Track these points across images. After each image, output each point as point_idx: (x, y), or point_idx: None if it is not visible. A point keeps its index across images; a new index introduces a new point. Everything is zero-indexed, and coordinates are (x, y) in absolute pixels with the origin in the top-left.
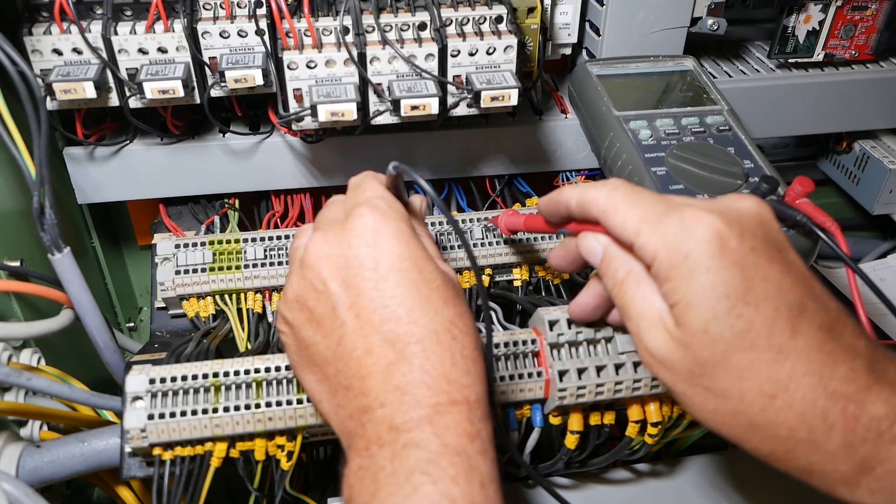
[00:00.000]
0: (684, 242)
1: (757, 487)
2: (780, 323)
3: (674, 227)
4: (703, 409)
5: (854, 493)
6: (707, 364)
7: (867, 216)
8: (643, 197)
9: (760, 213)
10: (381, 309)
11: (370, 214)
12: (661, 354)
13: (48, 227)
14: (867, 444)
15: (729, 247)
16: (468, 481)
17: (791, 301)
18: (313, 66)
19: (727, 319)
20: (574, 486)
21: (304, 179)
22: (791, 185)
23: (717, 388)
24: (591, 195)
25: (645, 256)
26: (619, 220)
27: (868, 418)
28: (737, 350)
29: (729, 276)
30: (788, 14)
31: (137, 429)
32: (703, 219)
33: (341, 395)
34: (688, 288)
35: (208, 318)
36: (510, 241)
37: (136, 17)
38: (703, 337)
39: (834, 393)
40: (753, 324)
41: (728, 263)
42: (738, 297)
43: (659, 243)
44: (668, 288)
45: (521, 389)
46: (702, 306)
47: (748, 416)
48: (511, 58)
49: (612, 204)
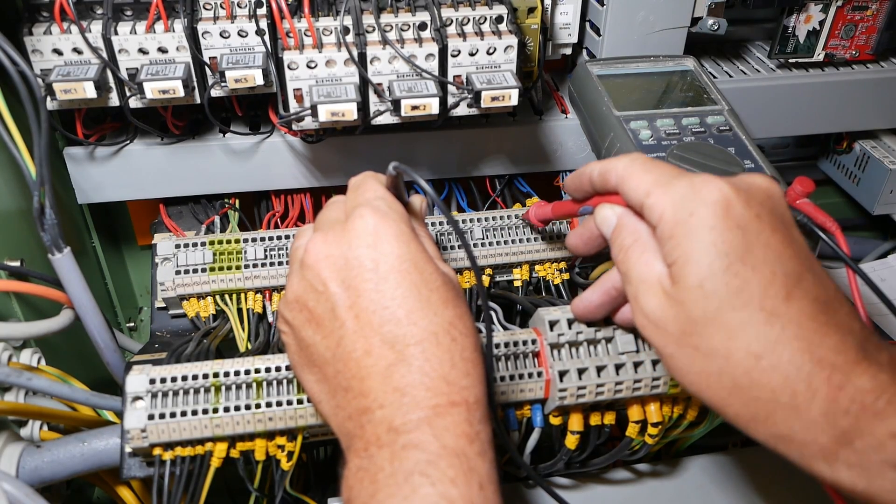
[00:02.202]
0: (691, 201)
1: (757, 487)
2: (776, 287)
3: (683, 188)
4: (689, 371)
5: (832, 468)
6: (699, 322)
7: (867, 216)
8: (659, 165)
9: (770, 188)
10: (381, 310)
11: (370, 215)
12: (654, 315)
13: (48, 227)
14: (849, 417)
15: (734, 210)
16: (467, 483)
17: (789, 269)
18: (314, 66)
19: (723, 277)
20: (574, 486)
21: (304, 179)
22: (791, 185)
23: (705, 346)
24: (611, 164)
25: (652, 216)
26: (633, 184)
27: (853, 390)
28: (729, 308)
29: (730, 236)
30: (789, 14)
31: (138, 429)
32: (712, 182)
33: (340, 396)
34: (688, 244)
35: (208, 318)
36: (511, 240)
37: (136, 17)
38: (698, 293)
39: (821, 360)
40: (749, 284)
41: (731, 224)
42: (737, 257)
43: (667, 202)
44: (669, 246)
45: (522, 390)
46: (700, 262)
47: (733, 377)
48: (511, 58)
49: (629, 170)
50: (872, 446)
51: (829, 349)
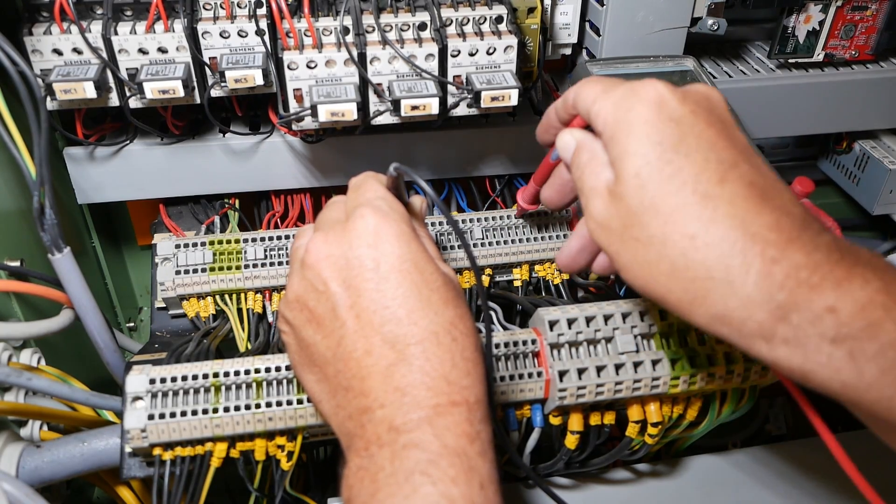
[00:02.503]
0: (629, 100)
1: (757, 488)
2: (709, 172)
3: (623, 90)
4: (633, 264)
5: (770, 345)
6: (636, 212)
7: (867, 216)
8: (609, 78)
9: (710, 92)
10: (382, 310)
11: (371, 215)
12: (600, 216)
13: (48, 227)
14: (784, 291)
15: (668, 105)
16: (468, 482)
17: (723, 157)
18: (313, 66)
19: (657, 164)
20: (574, 486)
21: (304, 179)
22: (791, 185)
23: (644, 235)
24: (570, 89)
25: (597, 122)
26: (584, 94)
27: (788, 265)
28: (664, 194)
29: (664, 127)
30: (788, 14)
31: (137, 429)
32: (649, 83)
33: (341, 396)
34: (625, 139)
35: (208, 318)
36: (511, 240)
37: (136, 17)
38: (634, 182)
39: (755, 236)
40: (681, 170)
41: (664, 118)
42: (670, 146)
43: (609, 105)
44: (611, 146)
45: (522, 389)
46: (636, 153)
47: (671, 260)
48: (511, 58)
49: (581, 86)
50: (809, 320)
51: (763, 226)
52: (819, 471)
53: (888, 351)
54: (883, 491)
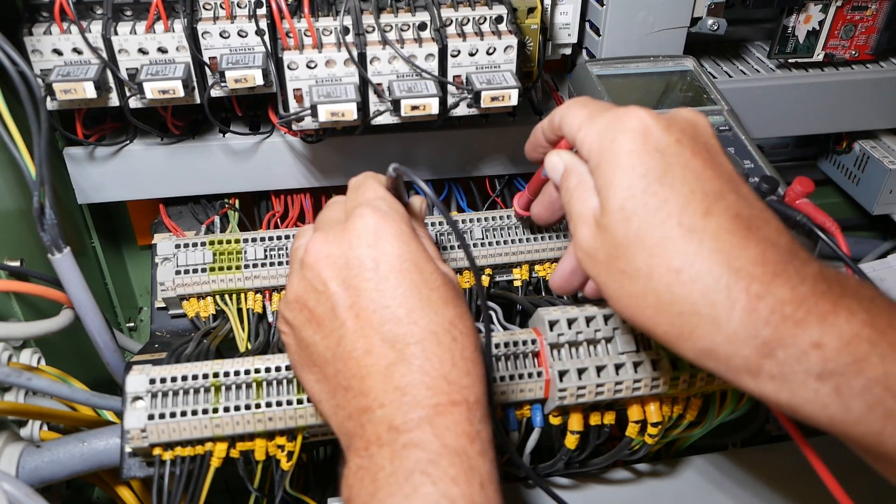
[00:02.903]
0: (613, 129)
1: (757, 487)
2: (694, 205)
3: (607, 119)
4: (620, 295)
5: (756, 381)
6: (622, 244)
7: (867, 216)
8: (595, 102)
9: (696, 119)
10: (382, 309)
11: (371, 215)
12: (586, 245)
13: (48, 227)
14: (769, 327)
15: (652, 135)
16: (468, 482)
17: (708, 188)
18: (313, 66)
19: (642, 197)
20: (574, 486)
21: (304, 179)
22: (791, 185)
23: (630, 268)
24: (556, 109)
25: (583, 150)
26: (569, 120)
27: (773, 300)
28: (649, 227)
29: (648, 159)
30: (788, 14)
31: (137, 429)
32: (633, 112)
33: (341, 396)
34: (610, 170)
35: (208, 318)
36: (511, 240)
37: (136, 17)
38: (620, 215)
39: (739, 271)
40: (667, 202)
41: (650, 148)
42: (655, 178)
43: (593, 133)
44: (596, 175)
45: (522, 389)
46: (620, 185)
47: (656, 294)
48: (511, 58)
49: (567, 109)
50: (795, 356)
51: (748, 261)
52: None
53: (874, 387)
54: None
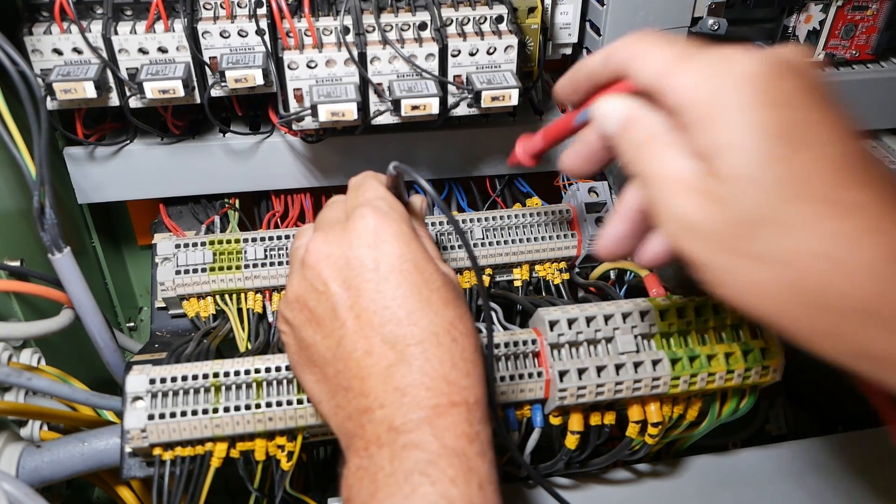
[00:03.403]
0: (720, 76)
1: (757, 488)
2: (842, 173)
3: (708, 61)
4: (738, 283)
5: None
6: (748, 221)
7: None
8: (676, 39)
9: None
10: (382, 310)
11: (371, 215)
12: (690, 218)
13: (48, 227)
14: None
15: (774, 83)
16: (467, 482)
17: (849, 150)
18: (314, 66)
19: (772, 164)
20: (574, 486)
21: (304, 179)
22: None
23: (758, 251)
24: (617, 43)
25: (673, 100)
26: (646, 61)
27: None
28: (784, 202)
29: (776, 115)
30: (789, 14)
31: (138, 429)
32: (742, 53)
33: (341, 396)
34: (725, 129)
35: (208, 318)
36: (511, 240)
37: (136, 16)
38: (745, 186)
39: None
40: (807, 170)
41: (774, 101)
42: (786, 139)
43: (690, 82)
44: (700, 134)
45: (522, 390)
46: (742, 148)
47: (795, 285)
48: (511, 58)
49: (639, 47)
50: None
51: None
52: (819, 471)
53: None
54: (883, 491)
